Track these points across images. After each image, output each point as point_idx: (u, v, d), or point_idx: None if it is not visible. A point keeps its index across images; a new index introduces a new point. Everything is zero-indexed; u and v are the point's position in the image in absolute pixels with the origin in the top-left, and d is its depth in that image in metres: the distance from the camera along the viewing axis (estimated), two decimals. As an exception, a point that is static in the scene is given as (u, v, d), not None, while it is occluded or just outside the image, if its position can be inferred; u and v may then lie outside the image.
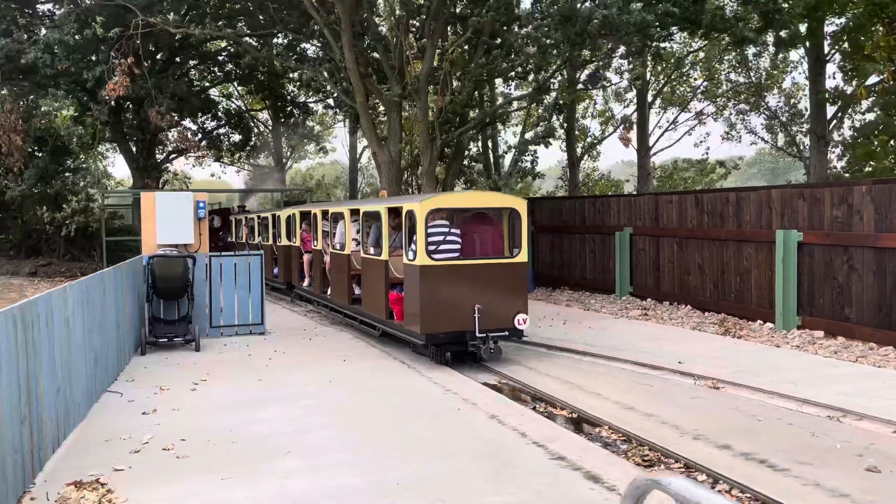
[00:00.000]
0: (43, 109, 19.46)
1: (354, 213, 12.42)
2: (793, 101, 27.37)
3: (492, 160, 27.51)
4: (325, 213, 14.38)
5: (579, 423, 7.55)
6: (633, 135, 25.96)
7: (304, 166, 47.85)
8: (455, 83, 17.12)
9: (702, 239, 14.42)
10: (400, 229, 10.78)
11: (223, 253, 12.67)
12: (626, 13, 12.95)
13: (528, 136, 17.35)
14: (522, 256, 10.01)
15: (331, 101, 24.47)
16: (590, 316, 14.26)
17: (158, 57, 25.21)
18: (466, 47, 17.14)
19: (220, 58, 27.91)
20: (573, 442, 6.56)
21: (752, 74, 27.04)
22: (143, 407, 7.86)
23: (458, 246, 9.96)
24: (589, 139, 30.26)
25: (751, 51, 25.10)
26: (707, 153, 30.12)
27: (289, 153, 39.21)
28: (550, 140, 16.65)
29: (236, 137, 31.47)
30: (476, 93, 19.35)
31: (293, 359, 10.39)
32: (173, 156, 26.03)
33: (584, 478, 5.65)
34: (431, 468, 5.91)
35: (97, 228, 23.09)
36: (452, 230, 10.01)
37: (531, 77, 19.79)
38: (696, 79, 29.31)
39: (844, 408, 7.38)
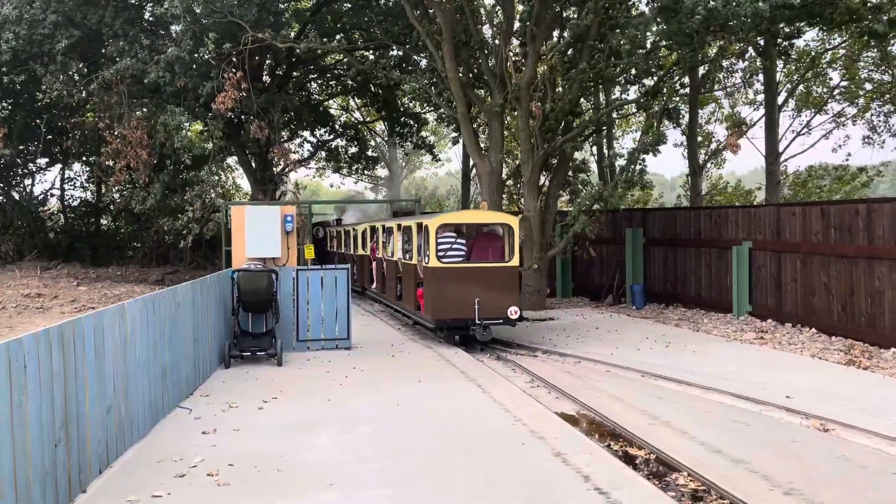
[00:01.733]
0: (165, 125, 20.35)
1: (398, 226, 14.90)
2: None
3: (606, 168, 26.46)
4: (383, 227, 16.72)
5: (656, 466, 6.75)
6: (759, 139, 24.11)
7: (419, 176, 48.14)
8: (558, 89, 16.41)
9: (828, 255, 13.04)
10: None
11: (310, 267, 12.60)
12: (734, 5, 11.82)
13: (636, 143, 16.37)
14: (514, 262, 12.28)
15: (442, 111, 24.30)
16: (698, 338, 13.17)
17: (278, 72, 25.94)
18: (571, 52, 16.38)
19: (337, 71, 28.37)
20: (641, 490, 5.82)
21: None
22: (205, 425, 7.76)
23: (462, 252, 12.32)
24: (713, 145, 28.45)
25: (895, 45, 22.73)
26: (847, 159, 27.44)
27: (403, 164, 39.47)
28: (659, 148, 15.51)
29: (352, 149, 31.92)
30: (583, 99, 18.52)
31: (369, 377, 10.09)
32: (288, 168, 26.69)
33: (643, 537, 4.95)
34: (473, 514, 5.39)
35: (218, 238, 23.87)
36: (458, 240, 12.36)
37: (642, 81, 18.77)
38: (831, 78, 26.90)
39: (981, 464, 6.21)
